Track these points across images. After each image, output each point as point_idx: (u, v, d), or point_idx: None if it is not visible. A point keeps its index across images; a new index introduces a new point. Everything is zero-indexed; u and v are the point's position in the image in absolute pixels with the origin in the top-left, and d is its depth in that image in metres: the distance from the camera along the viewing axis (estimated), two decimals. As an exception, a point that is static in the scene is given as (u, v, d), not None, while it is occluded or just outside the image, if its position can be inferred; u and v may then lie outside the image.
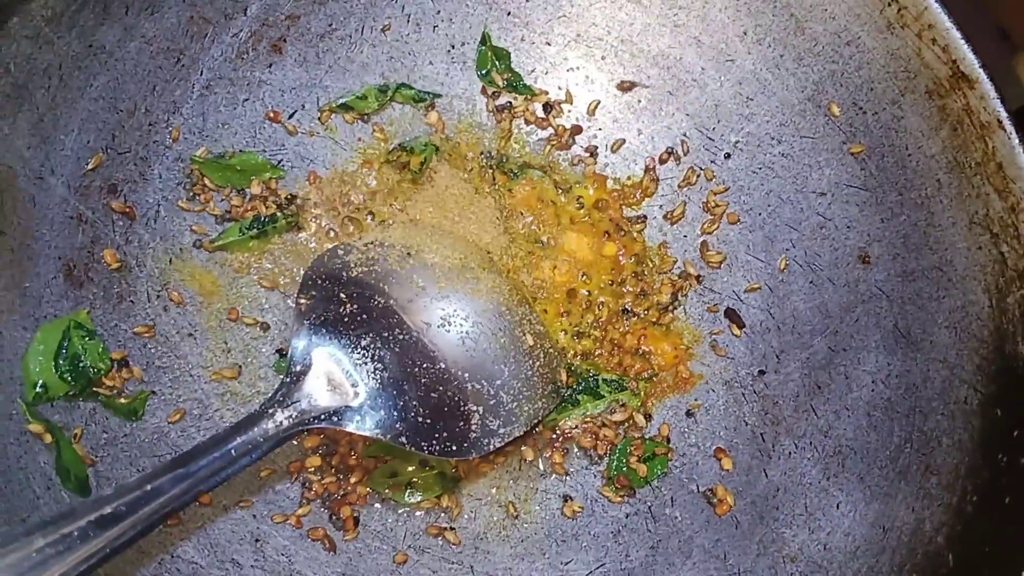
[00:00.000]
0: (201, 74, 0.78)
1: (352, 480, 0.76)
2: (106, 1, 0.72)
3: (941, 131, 0.72)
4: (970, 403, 0.70)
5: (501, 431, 0.72)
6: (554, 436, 0.79)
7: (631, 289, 0.82)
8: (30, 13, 0.69)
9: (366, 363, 0.68)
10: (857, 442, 0.74)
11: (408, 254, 0.75)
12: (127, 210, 0.76)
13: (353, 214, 0.81)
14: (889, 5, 0.73)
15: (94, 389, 0.72)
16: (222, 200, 0.79)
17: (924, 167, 0.74)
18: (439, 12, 0.83)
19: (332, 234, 0.80)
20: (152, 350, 0.76)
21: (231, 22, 0.78)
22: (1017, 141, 0.69)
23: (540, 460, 0.79)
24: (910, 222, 0.75)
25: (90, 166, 0.74)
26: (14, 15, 0.68)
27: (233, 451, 0.62)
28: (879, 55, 0.75)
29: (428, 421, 0.69)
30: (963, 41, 0.71)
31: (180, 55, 0.77)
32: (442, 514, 0.77)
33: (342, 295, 0.70)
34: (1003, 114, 0.70)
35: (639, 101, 0.84)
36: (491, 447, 0.71)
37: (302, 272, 0.78)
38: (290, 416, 0.64)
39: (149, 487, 0.58)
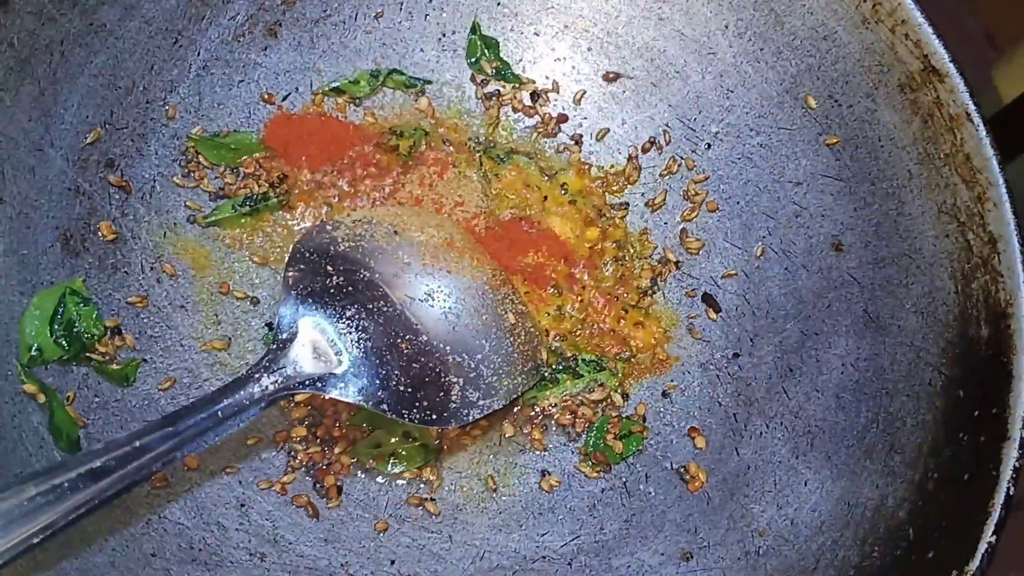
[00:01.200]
0: (198, 55, 0.81)
1: (336, 450, 0.78)
2: (108, -19, 0.75)
3: (912, 123, 0.75)
4: (934, 385, 0.72)
5: (481, 403, 0.74)
6: (534, 413, 0.82)
7: (612, 273, 0.85)
8: (34, -10, 0.71)
9: (350, 333, 0.70)
10: (826, 422, 0.77)
11: (395, 232, 0.77)
12: (124, 184, 0.78)
13: (343, 194, 0.83)
14: (865, 1, 0.75)
15: (87, 354, 0.74)
16: (216, 177, 0.82)
17: (896, 158, 0.76)
18: (431, 1, 0.85)
19: (323, 212, 0.83)
20: (145, 320, 0.78)
21: (228, 5, 0.81)
22: (984, 133, 0.71)
23: (519, 436, 0.81)
24: (881, 211, 0.77)
25: (88, 140, 0.76)
26: (18, -9, 0.71)
27: (220, 412, 0.64)
28: (854, 49, 0.77)
29: (409, 390, 0.71)
30: (934, 36, 0.73)
31: (178, 36, 0.80)
32: (423, 485, 0.79)
33: (328, 268, 0.73)
34: (971, 107, 0.72)
35: (623, 91, 0.87)
36: (470, 418, 0.74)
37: (292, 248, 0.80)
38: (275, 381, 0.67)
39: (138, 443, 0.60)
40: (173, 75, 0.80)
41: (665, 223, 0.86)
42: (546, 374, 0.81)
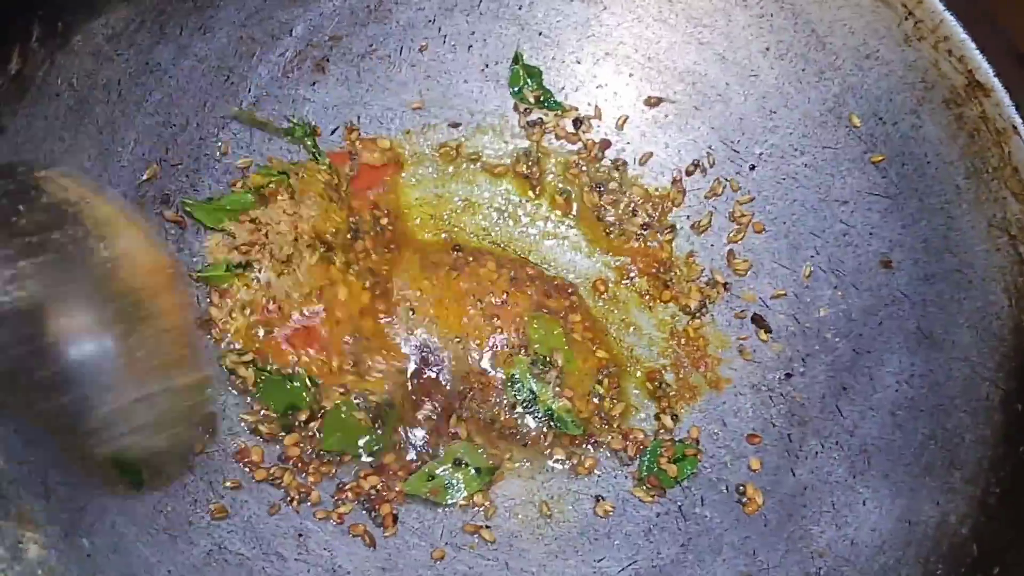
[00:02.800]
0: (249, 91, 0.82)
1: (396, 488, 0.78)
2: (162, 21, 0.77)
3: (959, 138, 0.75)
4: (991, 399, 0.72)
5: None
6: (586, 439, 0.82)
7: (661, 297, 0.85)
8: (92, 32, 0.73)
9: None
10: (882, 440, 0.76)
11: None
12: (179, 220, 0.80)
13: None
14: (906, 19, 0.76)
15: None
16: (267, 211, 0.83)
17: (943, 174, 0.76)
18: (473, 33, 0.87)
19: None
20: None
21: (277, 42, 0.82)
22: (1032, 146, 0.71)
23: (572, 461, 0.81)
24: (930, 227, 0.77)
25: (145, 177, 0.78)
26: (77, 33, 0.72)
27: None
28: (897, 67, 0.77)
29: None
30: (978, 51, 0.73)
31: (229, 73, 0.81)
32: (478, 512, 0.79)
33: None
34: (1018, 120, 0.72)
35: (666, 116, 0.87)
36: None
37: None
38: None
39: None
40: (225, 111, 0.82)
41: (712, 245, 0.86)
42: (595, 399, 0.81)
